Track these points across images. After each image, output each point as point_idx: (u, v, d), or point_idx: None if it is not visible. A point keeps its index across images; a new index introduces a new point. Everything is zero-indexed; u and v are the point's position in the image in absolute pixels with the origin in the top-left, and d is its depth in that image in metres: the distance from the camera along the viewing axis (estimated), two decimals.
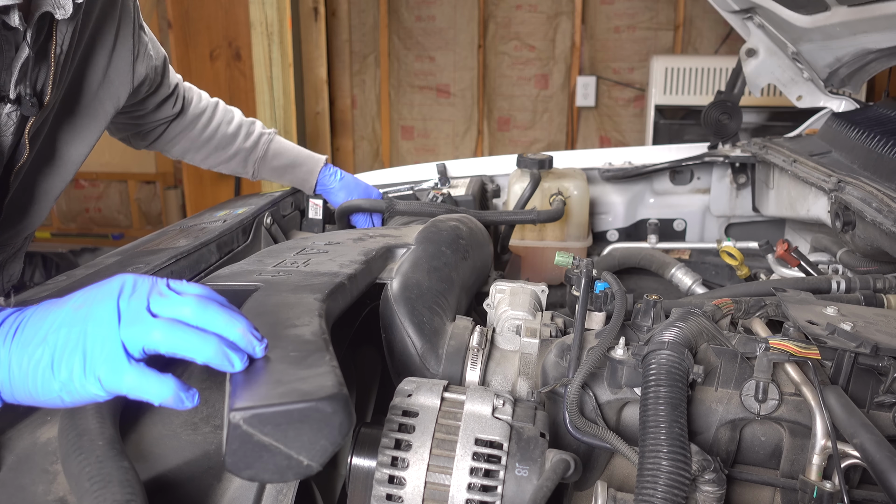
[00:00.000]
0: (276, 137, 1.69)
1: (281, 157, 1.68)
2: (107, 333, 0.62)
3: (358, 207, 1.62)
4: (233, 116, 1.64)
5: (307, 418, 0.59)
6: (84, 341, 0.63)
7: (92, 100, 1.22)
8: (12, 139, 1.04)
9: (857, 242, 1.47)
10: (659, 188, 2.22)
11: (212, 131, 1.59)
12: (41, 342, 0.64)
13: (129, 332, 0.63)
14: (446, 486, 0.73)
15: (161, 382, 0.62)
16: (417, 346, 0.95)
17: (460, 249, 1.16)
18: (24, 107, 1.03)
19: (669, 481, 0.70)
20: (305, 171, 1.70)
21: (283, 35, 4.25)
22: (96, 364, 0.62)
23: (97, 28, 1.18)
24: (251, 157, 1.64)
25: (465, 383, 0.94)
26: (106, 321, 0.63)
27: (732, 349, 0.88)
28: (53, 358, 0.63)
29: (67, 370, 0.62)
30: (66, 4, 1.01)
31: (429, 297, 1.01)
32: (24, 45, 1.00)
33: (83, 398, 0.63)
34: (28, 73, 1.02)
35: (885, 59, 1.86)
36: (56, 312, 0.66)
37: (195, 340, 0.63)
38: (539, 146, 5.32)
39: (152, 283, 0.67)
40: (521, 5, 5.16)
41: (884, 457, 0.73)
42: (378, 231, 1.28)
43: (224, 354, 0.64)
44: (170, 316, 0.64)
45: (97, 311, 0.64)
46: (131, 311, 0.64)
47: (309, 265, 1.02)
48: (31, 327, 0.65)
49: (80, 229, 5.71)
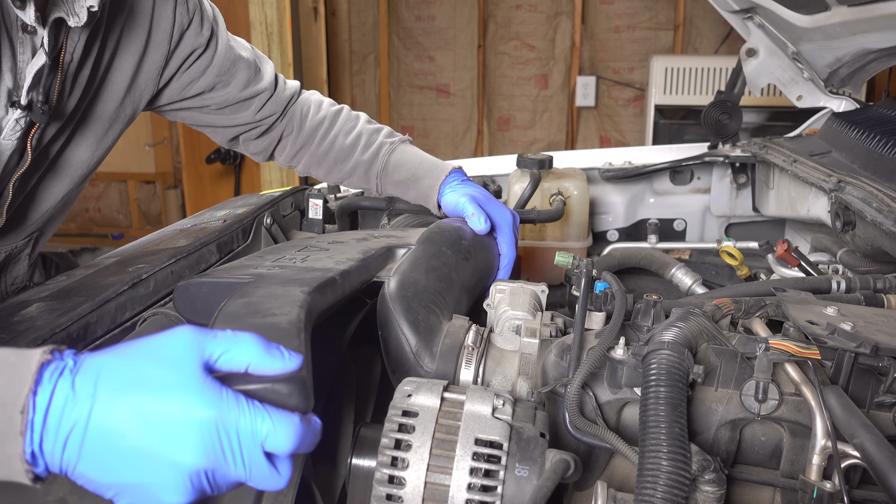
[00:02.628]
0: (402, 146, 1.45)
1: (402, 170, 1.42)
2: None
3: (358, 205, 1.62)
4: (354, 126, 1.47)
5: (265, 399, 0.62)
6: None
7: (115, 107, 1.20)
8: (17, 144, 1.04)
9: (857, 242, 1.47)
10: (659, 188, 2.22)
11: (328, 144, 1.45)
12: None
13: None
14: (446, 486, 0.73)
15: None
16: (412, 344, 0.95)
17: (462, 250, 1.16)
18: (34, 114, 1.02)
19: (669, 481, 0.70)
20: (426, 187, 1.39)
21: (282, 35, 4.25)
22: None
23: (124, 35, 1.17)
24: (371, 170, 1.44)
25: (458, 382, 0.94)
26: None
27: (732, 349, 0.88)
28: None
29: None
30: (80, 12, 1.00)
31: (425, 296, 1.01)
32: (42, 51, 0.99)
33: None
34: (42, 80, 1.02)
35: (885, 59, 1.86)
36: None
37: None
38: (539, 146, 5.32)
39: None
40: (521, 5, 5.16)
41: (884, 457, 0.73)
42: (383, 233, 1.28)
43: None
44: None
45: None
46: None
47: (306, 262, 1.03)
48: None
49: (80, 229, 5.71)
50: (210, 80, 1.33)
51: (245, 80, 1.38)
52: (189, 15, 1.26)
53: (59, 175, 1.17)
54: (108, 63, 1.16)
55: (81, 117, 1.16)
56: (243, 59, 1.38)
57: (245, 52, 1.39)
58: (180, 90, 1.32)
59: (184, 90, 1.32)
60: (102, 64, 1.15)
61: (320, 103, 1.51)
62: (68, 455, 0.58)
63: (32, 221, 1.18)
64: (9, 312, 0.96)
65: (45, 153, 1.12)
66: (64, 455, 0.58)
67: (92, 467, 0.58)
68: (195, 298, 0.96)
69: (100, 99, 1.18)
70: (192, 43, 1.28)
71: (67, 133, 1.14)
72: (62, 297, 1.02)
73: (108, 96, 1.19)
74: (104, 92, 1.18)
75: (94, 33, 1.10)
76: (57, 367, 0.59)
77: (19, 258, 1.22)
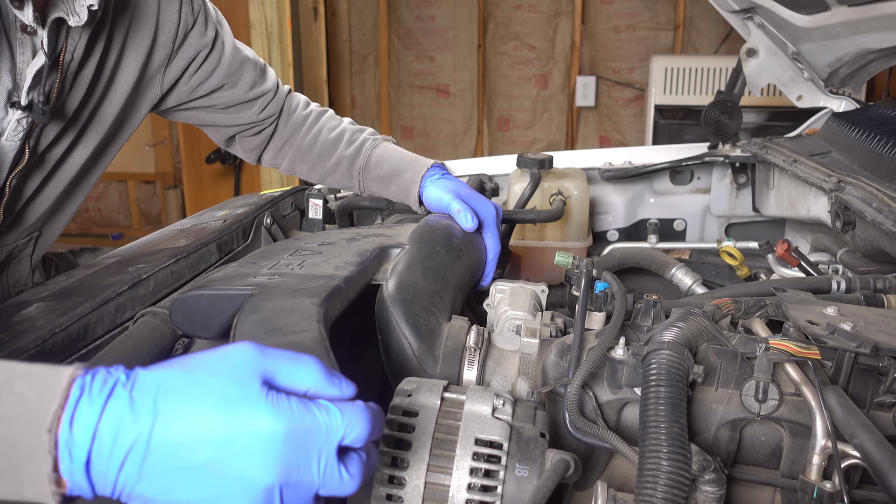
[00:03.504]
0: (384, 144, 1.45)
1: (384, 165, 1.40)
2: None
3: (357, 205, 1.62)
4: (338, 123, 1.48)
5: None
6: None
7: (121, 108, 1.20)
8: (19, 144, 1.04)
9: (857, 242, 1.47)
10: (659, 188, 2.22)
11: (313, 138, 1.46)
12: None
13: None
14: (446, 486, 0.73)
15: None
16: (414, 348, 0.95)
17: (454, 249, 1.16)
18: (35, 114, 1.02)
19: (669, 481, 0.70)
20: (408, 181, 1.37)
21: (282, 35, 4.25)
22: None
23: (130, 35, 1.17)
24: (354, 166, 1.43)
25: (462, 383, 0.94)
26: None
27: (732, 349, 0.88)
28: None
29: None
30: (80, 11, 1.00)
31: (424, 298, 1.01)
32: (41, 52, 0.99)
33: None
34: (42, 80, 1.02)
35: (885, 59, 1.86)
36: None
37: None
38: (539, 146, 5.32)
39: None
40: (521, 5, 5.16)
41: (884, 457, 0.73)
42: (371, 230, 1.27)
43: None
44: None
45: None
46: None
47: (304, 267, 1.02)
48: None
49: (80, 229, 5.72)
50: (218, 80, 1.34)
51: (252, 81, 1.39)
52: (194, 15, 1.26)
53: (59, 175, 1.17)
54: (115, 64, 1.16)
55: (87, 119, 1.16)
56: (250, 61, 1.39)
57: (250, 54, 1.41)
58: (189, 91, 1.33)
59: (193, 91, 1.33)
60: (108, 65, 1.15)
61: (308, 102, 1.53)
62: (126, 475, 0.54)
63: (31, 220, 1.17)
64: (9, 312, 0.97)
65: (47, 153, 1.12)
66: (121, 475, 0.54)
67: (154, 487, 0.55)
68: (194, 312, 0.93)
69: (105, 100, 1.18)
70: (197, 44, 1.28)
71: (71, 134, 1.14)
72: (62, 297, 1.02)
73: (114, 97, 1.19)
74: (110, 93, 1.18)
75: (96, 33, 1.10)
76: (106, 382, 0.55)
77: (20, 258, 1.21)
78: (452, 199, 1.25)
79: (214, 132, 1.47)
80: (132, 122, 1.27)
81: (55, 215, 1.23)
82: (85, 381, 0.55)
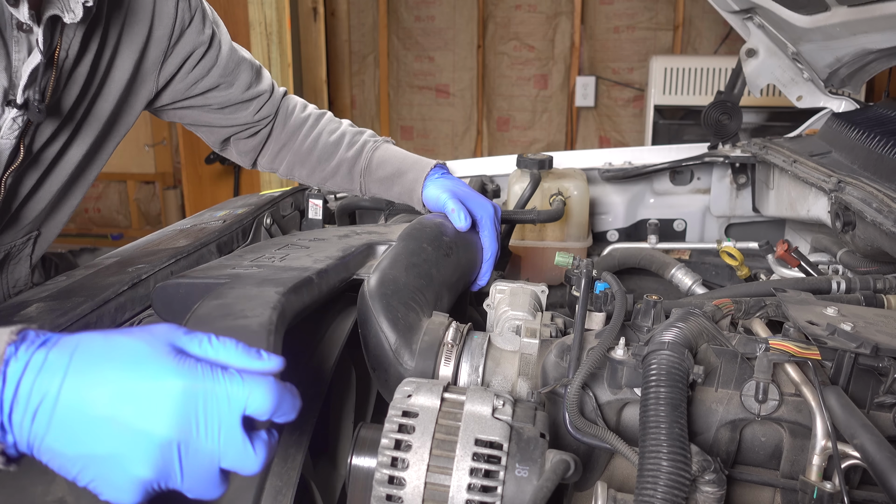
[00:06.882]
0: (385, 145, 1.44)
1: (386, 166, 1.40)
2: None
3: (358, 205, 1.62)
4: (337, 126, 1.47)
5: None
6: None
7: (116, 105, 1.20)
8: (14, 143, 1.04)
9: (857, 243, 1.47)
10: (659, 188, 2.22)
11: (312, 142, 1.45)
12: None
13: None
14: (446, 486, 0.72)
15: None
16: (391, 341, 0.95)
17: (443, 246, 1.15)
18: (30, 112, 1.02)
19: (669, 482, 0.70)
20: (410, 181, 1.36)
21: (282, 35, 4.25)
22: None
23: (124, 31, 1.17)
24: (355, 168, 1.42)
25: (438, 378, 0.94)
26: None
27: (732, 350, 0.88)
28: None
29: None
30: (75, 8, 1.00)
31: (405, 293, 1.01)
32: (37, 50, 0.99)
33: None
34: (38, 78, 1.01)
35: (885, 59, 1.86)
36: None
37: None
38: (538, 146, 5.32)
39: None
40: (521, 5, 5.16)
41: (884, 457, 0.73)
42: (366, 228, 1.27)
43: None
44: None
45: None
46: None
47: (285, 261, 1.02)
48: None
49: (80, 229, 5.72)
50: (214, 79, 1.33)
51: (248, 82, 1.38)
52: (191, 11, 1.26)
53: (55, 173, 1.16)
54: (109, 61, 1.16)
55: (82, 116, 1.16)
56: (246, 61, 1.39)
57: (246, 55, 1.40)
58: (185, 89, 1.32)
59: (189, 89, 1.32)
60: (103, 62, 1.15)
61: (305, 104, 1.52)
62: (37, 426, 0.58)
63: (28, 220, 1.17)
64: (9, 312, 0.96)
65: (43, 151, 1.12)
66: (33, 427, 0.58)
67: (60, 439, 0.58)
68: (173, 299, 0.95)
69: (100, 97, 1.18)
70: (194, 41, 1.27)
71: (67, 132, 1.14)
72: (62, 297, 1.02)
73: (108, 94, 1.18)
74: (105, 90, 1.18)
75: (91, 29, 1.10)
76: (33, 342, 0.59)
77: (20, 259, 1.21)
78: (448, 198, 1.25)
79: (209, 134, 1.45)
80: (127, 120, 1.26)
81: (53, 214, 1.23)
82: (18, 344, 0.59)
